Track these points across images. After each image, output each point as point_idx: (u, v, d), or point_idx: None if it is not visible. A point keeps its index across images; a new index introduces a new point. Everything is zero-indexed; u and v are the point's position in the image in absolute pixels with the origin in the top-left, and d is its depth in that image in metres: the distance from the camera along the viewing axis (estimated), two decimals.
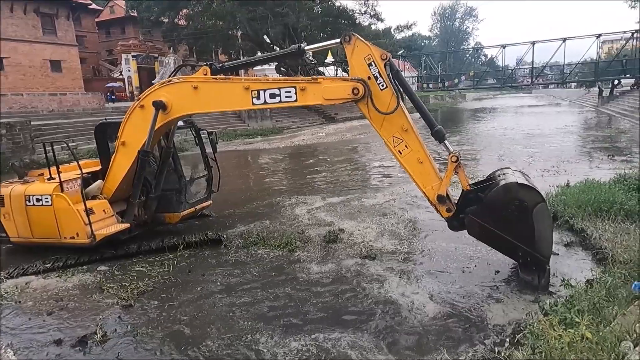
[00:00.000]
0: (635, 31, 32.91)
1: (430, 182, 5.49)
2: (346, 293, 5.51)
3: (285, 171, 16.13)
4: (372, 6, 40.35)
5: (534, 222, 5.00)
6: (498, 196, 5.11)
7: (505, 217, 5.04)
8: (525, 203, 5.01)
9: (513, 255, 5.44)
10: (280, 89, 5.77)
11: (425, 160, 5.47)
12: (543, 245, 5.12)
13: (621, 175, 9.03)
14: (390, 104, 5.37)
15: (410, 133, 5.46)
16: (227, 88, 6.11)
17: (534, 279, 5.20)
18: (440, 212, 5.53)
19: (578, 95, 59.14)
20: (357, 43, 5.42)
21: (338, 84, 5.61)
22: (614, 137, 20.15)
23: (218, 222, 8.88)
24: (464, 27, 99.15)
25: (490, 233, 5.20)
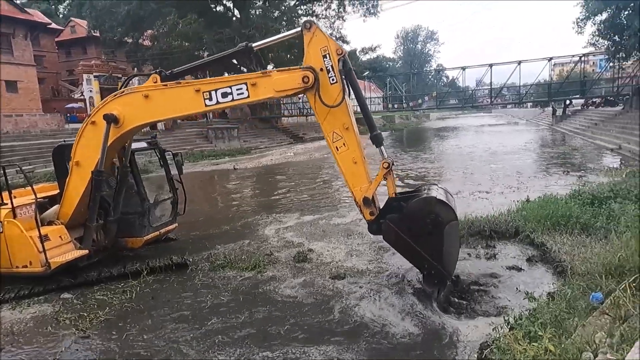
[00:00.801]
0: (583, 55, 35.16)
1: (359, 184, 5.58)
2: (317, 313, 5.44)
3: (253, 192, 15.99)
4: (337, 29, 41.28)
5: (444, 237, 5.24)
6: (417, 207, 5.33)
7: (419, 229, 5.25)
8: (440, 218, 5.22)
9: (419, 266, 5.62)
10: (232, 86, 5.68)
11: (359, 162, 5.56)
12: (448, 261, 5.41)
13: (576, 190, 9.47)
14: (337, 98, 5.39)
15: (350, 132, 5.53)
16: (178, 93, 5.95)
17: (434, 292, 5.41)
18: (364, 214, 5.63)
19: (534, 115, 62.22)
20: (317, 32, 5.41)
21: (288, 74, 5.54)
22: (568, 154, 21.23)
23: (184, 245, 8.62)
24: (426, 49, 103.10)
25: (403, 242, 5.39)
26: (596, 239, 6.64)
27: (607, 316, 3.42)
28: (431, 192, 5.59)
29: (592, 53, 35.60)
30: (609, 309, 3.47)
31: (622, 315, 3.22)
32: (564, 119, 41.07)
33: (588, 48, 32.30)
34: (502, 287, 5.90)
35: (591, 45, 30.10)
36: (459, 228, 5.56)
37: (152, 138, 8.39)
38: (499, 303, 5.40)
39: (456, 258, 5.68)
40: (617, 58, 30.08)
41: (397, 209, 5.46)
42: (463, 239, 7.73)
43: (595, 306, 3.80)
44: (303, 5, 40.54)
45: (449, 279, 5.44)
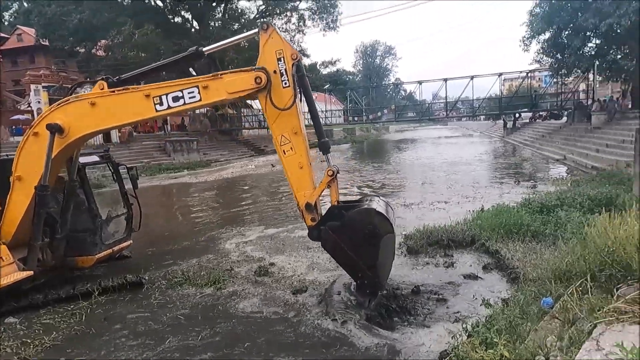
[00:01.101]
0: (530, 71, 37.31)
1: (303, 189, 5.61)
2: (278, 328, 5.35)
3: (213, 205, 15.63)
4: (298, 42, 41.66)
5: (380, 249, 5.35)
6: (357, 217, 5.42)
7: (357, 238, 5.33)
8: (377, 230, 5.31)
9: (354, 275, 5.68)
10: (183, 90, 5.55)
11: (305, 167, 5.58)
12: (382, 272, 5.55)
13: (526, 199, 9.92)
14: (288, 102, 5.40)
15: (299, 137, 5.53)
16: (127, 99, 5.74)
17: (365, 301, 5.49)
18: (305, 219, 5.65)
19: (487, 127, 65.10)
20: (274, 35, 5.39)
21: (240, 75, 5.47)
22: (519, 165, 22.32)
23: (140, 263, 8.25)
24: (384, 64, 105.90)
25: (340, 250, 5.47)
26: (546, 246, 6.97)
27: (557, 320, 3.57)
28: (372, 204, 5.68)
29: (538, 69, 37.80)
30: (559, 313, 3.63)
31: (570, 318, 3.37)
32: (514, 131, 43.23)
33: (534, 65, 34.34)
34: (460, 295, 6.05)
35: (536, 62, 31.98)
36: (394, 241, 5.68)
37: (104, 151, 8.04)
38: (458, 311, 5.51)
39: (389, 270, 5.81)
40: (559, 74, 32.07)
41: (338, 217, 5.51)
42: (422, 249, 7.93)
43: (546, 311, 3.95)
44: (263, 18, 40.68)
45: (381, 290, 5.56)
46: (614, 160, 16.05)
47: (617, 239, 3.41)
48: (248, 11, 39.96)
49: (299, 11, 40.12)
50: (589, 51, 27.55)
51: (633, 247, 3.26)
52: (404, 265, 7.39)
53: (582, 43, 25.40)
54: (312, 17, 40.10)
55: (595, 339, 2.79)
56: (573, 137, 25.58)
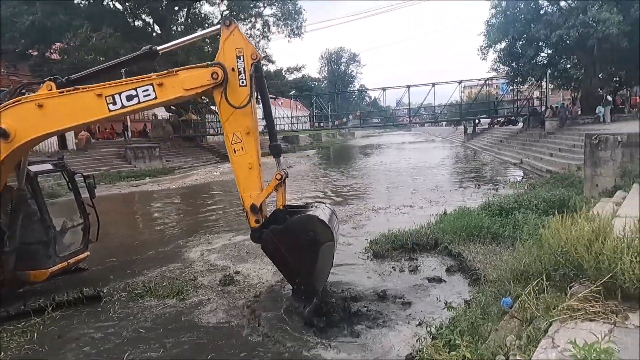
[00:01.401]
0: (488, 79, 38.86)
1: (250, 190, 5.58)
2: (243, 337, 5.25)
3: (177, 214, 15.23)
4: (263, 48, 41.48)
5: (319, 256, 5.38)
6: (299, 223, 5.45)
7: (297, 244, 5.35)
8: (318, 237, 5.34)
9: (291, 280, 5.77)
10: (137, 88, 5.37)
11: (254, 168, 5.56)
12: (319, 279, 5.59)
13: (486, 202, 10.26)
14: (243, 101, 5.35)
15: (251, 137, 5.49)
16: (77, 99, 5.45)
17: (300, 305, 5.54)
18: (249, 220, 5.63)
19: (449, 133, 67.10)
20: (235, 32, 5.33)
21: (196, 71, 5.35)
22: (479, 169, 23.11)
23: (98, 275, 7.90)
24: (349, 70, 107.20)
25: (280, 254, 5.52)
26: (505, 247, 7.23)
27: (515, 319, 3.68)
28: (316, 211, 5.71)
29: (495, 77, 39.43)
30: (517, 312, 3.74)
31: (528, 317, 3.48)
32: (474, 137, 44.78)
33: (491, 73, 35.79)
34: (425, 298, 6.16)
35: (493, 70, 33.36)
36: (334, 249, 5.66)
37: (58, 159, 7.67)
38: (423, 314, 5.60)
39: (326, 277, 5.86)
40: (515, 82, 33.56)
41: (282, 221, 5.53)
42: (388, 253, 8.03)
43: (505, 310, 4.07)
44: None
45: (317, 296, 5.56)
46: (566, 164, 16.90)
47: (568, 239, 3.57)
48: (212, 16, 39.46)
49: (264, 17, 40.04)
50: (542, 60, 29.07)
51: (583, 247, 3.41)
52: (370, 270, 7.46)
53: (535, 53, 26.76)
54: (276, 24, 40.09)
55: (551, 336, 2.89)
56: (529, 142, 26.77)
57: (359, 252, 8.44)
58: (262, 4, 38.98)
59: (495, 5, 27.43)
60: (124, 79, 5.49)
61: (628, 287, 3.04)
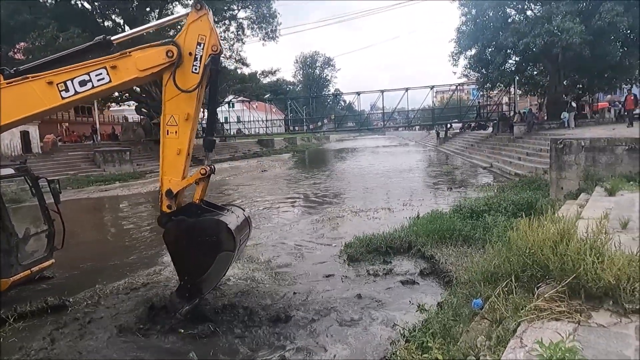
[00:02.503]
0: (459, 84, 39.84)
1: (172, 175, 5.49)
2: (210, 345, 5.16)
3: (147, 219, 14.84)
4: (237, 51, 41.21)
5: (215, 262, 5.40)
6: (207, 224, 5.47)
7: (197, 244, 5.36)
8: (220, 244, 5.37)
9: (180, 275, 5.68)
10: (89, 73, 5.19)
11: (182, 154, 5.46)
12: (207, 283, 5.60)
13: (458, 205, 10.47)
14: (190, 87, 5.25)
15: (188, 124, 5.39)
16: (26, 89, 5.22)
17: (181, 304, 5.58)
18: (162, 204, 5.55)
19: (422, 137, 68.26)
20: (204, 18, 5.25)
21: (150, 50, 5.23)
22: (451, 172, 23.59)
23: (64, 283, 7.61)
24: (324, 74, 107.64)
25: (178, 247, 5.50)
26: (476, 249, 7.38)
27: (486, 320, 3.75)
28: (229, 217, 5.69)
29: (466, 83, 40.46)
30: (487, 313, 3.81)
31: (497, 318, 3.55)
32: (446, 141, 45.72)
33: (462, 79, 36.70)
34: (399, 301, 6.21)
35: (464, 76, 34.21)
36: (231, 260, 5.68)
37: (20, 163, 7.36)
38: (396, 317, 5.65)
39: (215, 284, 5.94)
40: (485, 88, 34.52)
41: (193, 215, 5.51)
42: (362, 256, 8.07)
43: (476, 312, 4.14)
44: None
45: (200, 298, 5.62)
46: (533, 168, 17.45)
47: (535, 241, 3.66)
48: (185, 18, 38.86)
49: (238, 20, 39.73)
50: (510, 67, 30.01)
51: (549, 248, 3.51)
52: (345, 274, 7.48)
53: (503, 59, 27.60)
54: (251, 27, 39.84)
55: (519, 336, 2.96)
56: (498, 146, 27.52)
57: (334, 256, 8.45)
58: (236, 7, 38.70)
59: (465, 13, 28.17)
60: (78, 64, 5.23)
61: (591, 287, 3.14)
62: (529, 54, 25.89)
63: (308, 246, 9.48)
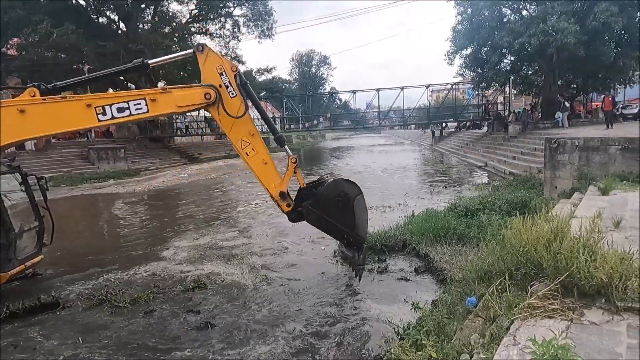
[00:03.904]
0: (454, 83, 39.92)
1: (273, 181, 6.14)
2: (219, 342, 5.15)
3: (141, 217, 14.78)
4: (232, 49, 41.05)
5: (355, 210, 6.25)
6: (329, 189, 6.21)
7: (334, 206, 6.15)
8: (348, 195, 6.23)
9: (339, 237, 6.58)
10: (129, 102, 5.58)
11: (269, 162, 6.13)
12: (361, 229, 6.44)
13: (452, 204, 10.50)
14: (239, 110, 5.84)
15: (256, 137, 6.03)
16: (64, 107, 5.55)
17: (354, 255, 6.44)
18: (282, 207, 6.22)
19: (417, 136, 68.42)
20: (210, 53, 5.76)
21: (190, 91, 5.75)
22: (446, 171, 23.66)
23: (55, 281, 7.58)
24: (319, 73, 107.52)
25: (322, 220, 6.22)
26: (470, 248, 7.41)
27: (480, 318, 3.77)
28: (336, 176, 6.57)
29: (461, 82, 40.56)
30: (481, 311, 3.83)
31: (491, 316, 3.57)
32: (441, 140, 45.85)
33: (458, 78, 36.79)
34: (394, 299, 6.23)
35: (460, 75, 34.28)
36: (364, 200, 6.47)
37: (9, 160, 7.34)
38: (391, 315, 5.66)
39: (366, 225, 6.68)
40: (480, 87, 34.63)
41: (311, 196, 6.22)
42: None
43: (470, 310, 4.16)
44: (196, 23, 39.59)
45: (364, 243, 6.60)
46: (527, 167, 17.55)
47: (529, 240, 3.68)
48: (180, 15, 38.66)
49: (234, 17, 39.57)
50: (505, 67, 30.10)
51: (543, 247, 3.53)
52: (339, 272, 7.49)
53: (498, 59, 27.67)
54: (247, 24, 39.69)
55: (512, 334, 2.98)
56: (493, 146, 27.64)
57: (328, 256, 8.46)
58: (232, 4, 38.55)
59: (461, 12, 28.21)
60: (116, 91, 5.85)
61: (583, 285, 3.17)
62: (524, 53, 25.97)
63: (303, 244, 9.48)
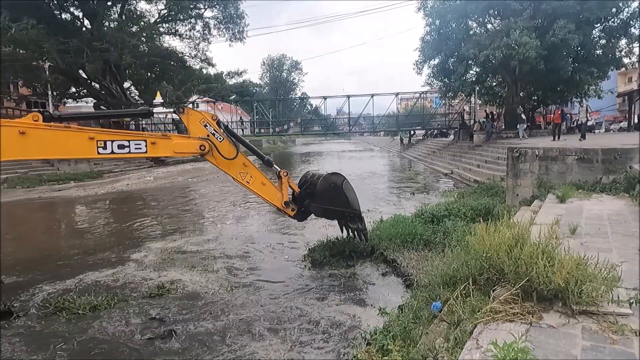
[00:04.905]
0: (422, 92, 40.85)
1: (274, 195, 7.45)
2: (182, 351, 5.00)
3: (102, 222, 14.25)
4: (202, 50, 40.43)
5: (345, 193, 7.75)
6: (322, 184, 7.68)
7: (330, 196, 7.66)
8: (337, 183, 7.73)
9: (343, 217, 8.03)
10: (130, 141, 6.12)
11: (266, 182, 7.35)
12: (355, 204, 7.95)
13: (419, 210, 10.71)
14: (230, 150, 6.80)
15: (250, 167, 7.11)
16: (68, 137, 5.93)
17: (358, 225, 8.02)
18: (287, 213, 7.61)
19: (386, 142, 69.46)
20: (190, 112, 6.66)
21: (188, 140, 6.54)
22: (414, 178, 24.12)
23: (8, 289, 7.18)
24: (291, 78, 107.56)
25: (327, 209, 7.88)
26: (436, 253, 7.55)
27: (444, 322, 3.85)
28: (321, 174, 8.01)
29: (429, 91, 41.54)
30: (446, 316, 3.91)
31: (455, 320, 3.65)
32: (410, 147, 46.72)
33: (426, 87, 37.67)
34: (361, 304, 6.26)
35: (428, 84, 35.13)
36: (349, 182, 7.99)
37: None
38: (359, 320, 5.69)
39: (357, 200, 8.09)
40: (447, 97, 35.57)
41: (308, 196, 7.77)
42: (326, 260, 8.10)
43: (435, 314, 4.24)
44: (165, 23, 38.77)
45: (361, 214, 8.09)
46: (491, 175, 18.13)
47: (492, 246, 3.80)
48: (148, 14, 37.74)
49: (204, 19, 39.02)
50: (471, 77, 31.07)
51: (504, 252, 3.65)
52: (307, 277, 7.47)
53: (465, 70, 28.52)
54: (217, 27, 39.20)
55: (475, 338, 3.05)
56: (459, 154, 28.42)
57: (298, 261, 8.43)
58: (202, 6, 37.98)
59: (429, 24, 28.95)
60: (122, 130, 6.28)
61: (542, 289, 3.29)
62: (488, 65, 26.89)
63: (269, 251, 9.41)
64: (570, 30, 22.00)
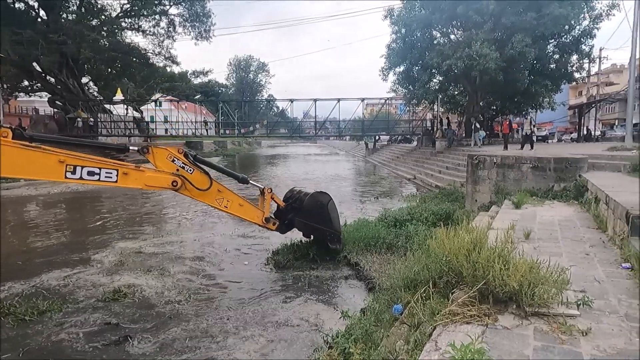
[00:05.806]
0: (387, 98, 41.60)
1: (254, 214, 7.52)
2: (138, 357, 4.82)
3: (56, 222, 13.56)
4: (167, 48, 39.43)
5: (330, 212, 8.03)
6: (310, 202, 8.02)
7: (314, 214, 7.93)
8: (323, 202, 8.04)
9: (323, 235, 8.10)
10: (102, 169, 5.90)
11: (244, 203, 7.36)
12: (336, 225, 8.26)
13: (382, 214, 10.87)
14: (203, 181, 6.74)
15: (224, 191, 7.09)
16: (36, 157, 5.60)
17: (336, 245, 8.12)
18: (269, 228, 7.74)
19: (352, 147, 70.20)
20: (155, 150, 6.52)
21: (160, 175, 6.38)
22: (378, 182, 24.49)
23: None
24: (257, 79, 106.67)
25: (309, 226, 8.17)
26: (398, 257, 7.69)
27: (405, 325, 3.91)
28: (308, 191, 8.43)
29: (394, 98, 42.35)
30: (407, 319, 3.98)
31: (415, 322, 3.72)
32: (374, 152, 47.45)
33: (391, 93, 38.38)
34: (324, 307, 6.27)
35: (393, 91, 35.82)
36: (334, 202, 8.33)
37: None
38: (322, 323, 5.69)
39: (339, 220, 8.49)
40: (411, 104, 36.40)
41: (292, 210, 8.09)
42: (290, 263, 8.08)
43: (397, 317, 4.31)
44: (128, 18, 37.52)
45: (340, 234, 8.33)
46: (452, 181, 18.67)
47: (451, 249, 3.90)
48: (110, 8, 36.39)
49: (169, 16, 38.08)
50: (434, 85, 31.95)
51: (463, 256, 3.76)
52: (271, 280, 7.41)
53: (428, 78, 29.32)
54: (183, 24, 38.37)
55: (434, 340, 3.11)
56: (421, 159, 29.12)
57: (261, 264, 8.34)
58: (167, 2, 37.09)
59: (396, 32, 29.55)
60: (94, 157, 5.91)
61: (498, 292, 3.41)
62: (451, 74, 27.76)
63: (230, 255, 9.27)
64: (527, 44, 23.07)
